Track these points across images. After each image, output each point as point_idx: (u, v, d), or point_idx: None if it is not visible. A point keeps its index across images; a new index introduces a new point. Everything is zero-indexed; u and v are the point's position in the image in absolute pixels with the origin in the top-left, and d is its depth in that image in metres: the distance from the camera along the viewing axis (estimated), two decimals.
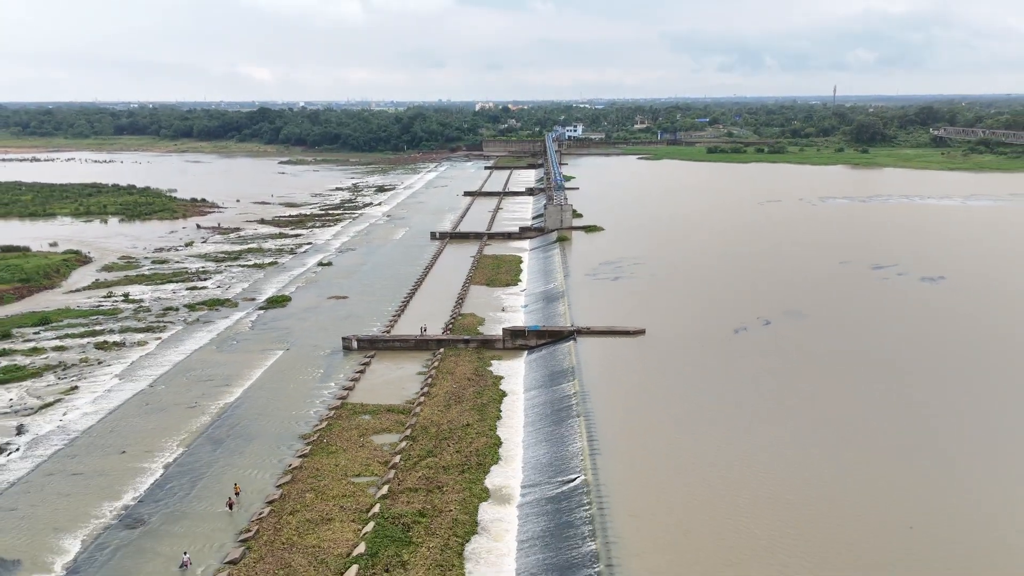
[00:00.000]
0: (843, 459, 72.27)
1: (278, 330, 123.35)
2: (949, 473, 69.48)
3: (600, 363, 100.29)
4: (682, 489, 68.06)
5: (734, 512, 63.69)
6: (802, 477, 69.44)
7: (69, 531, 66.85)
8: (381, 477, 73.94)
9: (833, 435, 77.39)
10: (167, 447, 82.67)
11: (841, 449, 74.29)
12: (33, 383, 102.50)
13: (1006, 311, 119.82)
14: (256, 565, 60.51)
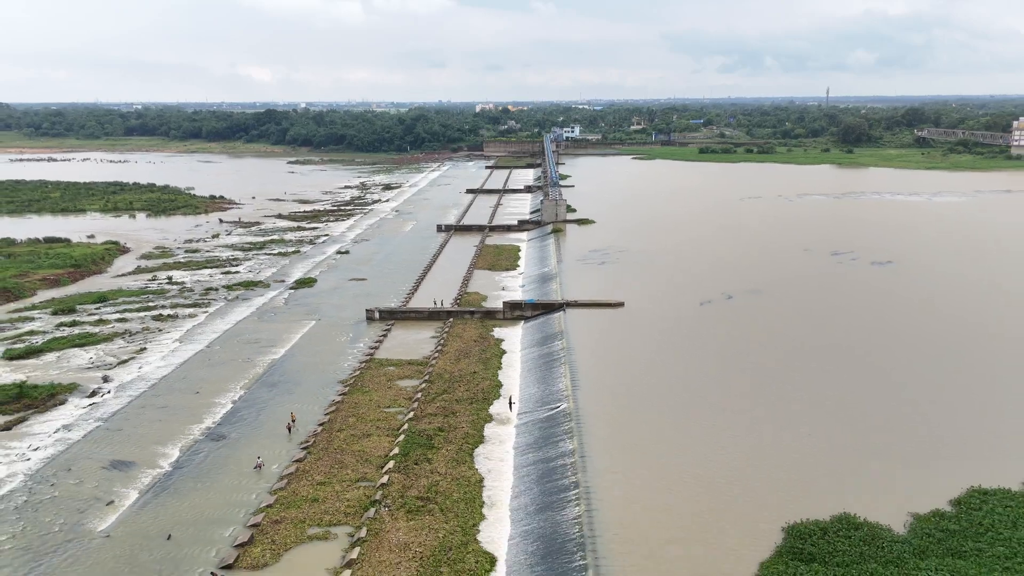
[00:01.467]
0: (770, 389, 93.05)
1: (308, 305, 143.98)
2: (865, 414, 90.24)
3: (584, 328, 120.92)
4: (643, 411, 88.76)
5: (680, 424, 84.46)
6: (737, 400, 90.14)
7: (167, 443, 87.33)
8: (407, 408, 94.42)
9: (768, 373, 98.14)
10: (231, 389, 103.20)
11: (770, 382, 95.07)
12: (107, 346, 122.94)
13: (939, 289, 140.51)
14: (316, 463, 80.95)
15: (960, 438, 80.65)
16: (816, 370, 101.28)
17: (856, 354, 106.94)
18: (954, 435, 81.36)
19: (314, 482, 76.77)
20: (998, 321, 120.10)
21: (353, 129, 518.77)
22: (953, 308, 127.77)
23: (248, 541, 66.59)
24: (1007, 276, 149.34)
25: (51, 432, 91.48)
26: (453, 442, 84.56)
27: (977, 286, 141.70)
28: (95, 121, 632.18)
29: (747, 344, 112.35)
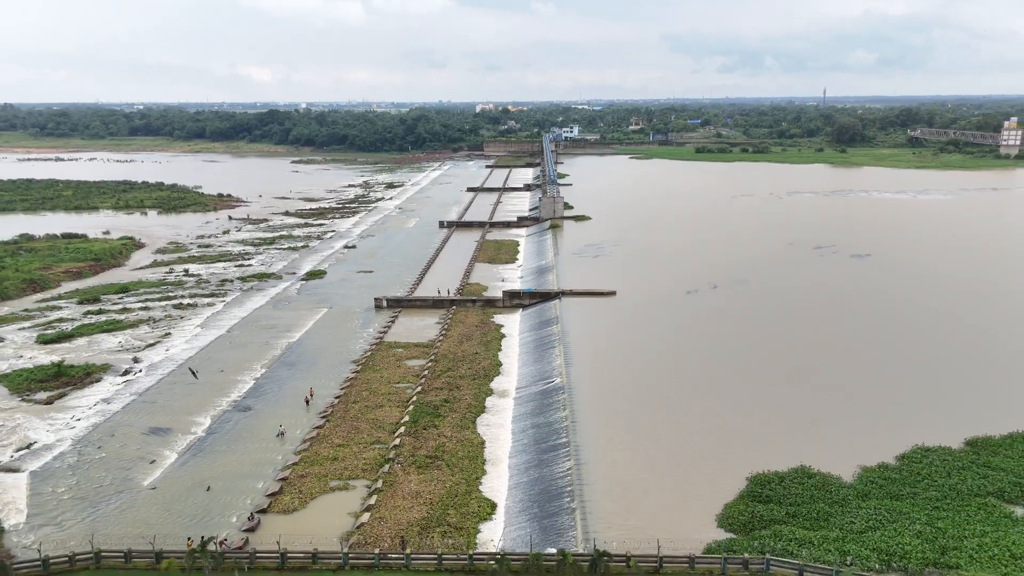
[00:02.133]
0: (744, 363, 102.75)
1: (320, 295, 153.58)
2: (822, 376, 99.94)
3: (578, 314, 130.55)
4: (629, 385, 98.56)
5: (661, 394, 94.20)
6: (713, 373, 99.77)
7: (199, 413, 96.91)
8: (415, 383, 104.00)
9: (742, 350, 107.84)
10: (253, 368, 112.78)
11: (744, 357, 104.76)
12: (133, 332, 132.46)
13: (908, 279, 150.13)
14: (334, 429, 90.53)
15: (912, 404, 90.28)
16: (787, 347, 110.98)
17: (824, 334, 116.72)
18: (907, 402, 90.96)
19: (333, 445, 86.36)
20: (954, 306, 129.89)
21: (355, 129, 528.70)
22: (917, 295, 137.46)
23: (278, 491, 76.17)
24: (971, 268, 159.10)
25: (91, 405, 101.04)
26: (457, 411, 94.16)
27: (943, 277, 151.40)
28: (100, 121, 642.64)
29: (726, 327, 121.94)
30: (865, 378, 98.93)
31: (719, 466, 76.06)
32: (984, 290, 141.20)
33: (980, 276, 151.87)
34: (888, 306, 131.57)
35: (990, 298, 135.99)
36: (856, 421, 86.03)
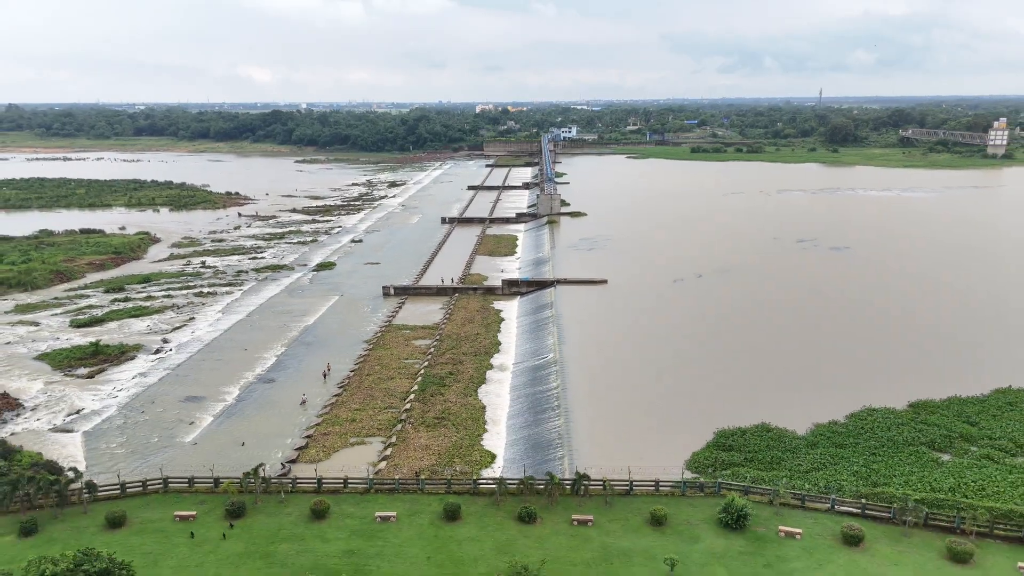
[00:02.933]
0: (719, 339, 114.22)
1: (331, 284, 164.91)
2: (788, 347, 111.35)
3: (571, 300, 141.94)
4: (615, 359, 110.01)
5: (643, 366, 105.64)
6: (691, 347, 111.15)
7: (228, 384, 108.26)
8: (422, 359, 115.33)
9: (719, 329, 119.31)
10: (274, 347, 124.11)
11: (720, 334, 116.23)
12: (159, 317, 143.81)
13: (879, 268, 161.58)
14: (351, 397, 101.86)
15: (865, 374, 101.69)
16: (759, 326, 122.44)
17: (794, 314, 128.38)
18: (861, 372, 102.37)
19: (351, 409, 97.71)
20: (915, 293, 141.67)
21: (357, 129, 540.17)
22: (883, 282, 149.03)
23: (304, 446, 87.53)
24: (936, 259, 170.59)
25: (129, 378, 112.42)
26: (461, 382, 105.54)
27: (909, 267, 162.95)
28: (105, 122, 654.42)
29: (706, 309, 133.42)
30: (826, 352, 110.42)
31: (691, 423, 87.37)
32: (943, 279, 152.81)
33: (942, 267, 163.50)
34: (856, 292, 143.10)
35: (946, 286, 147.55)
36: (814, 387, 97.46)
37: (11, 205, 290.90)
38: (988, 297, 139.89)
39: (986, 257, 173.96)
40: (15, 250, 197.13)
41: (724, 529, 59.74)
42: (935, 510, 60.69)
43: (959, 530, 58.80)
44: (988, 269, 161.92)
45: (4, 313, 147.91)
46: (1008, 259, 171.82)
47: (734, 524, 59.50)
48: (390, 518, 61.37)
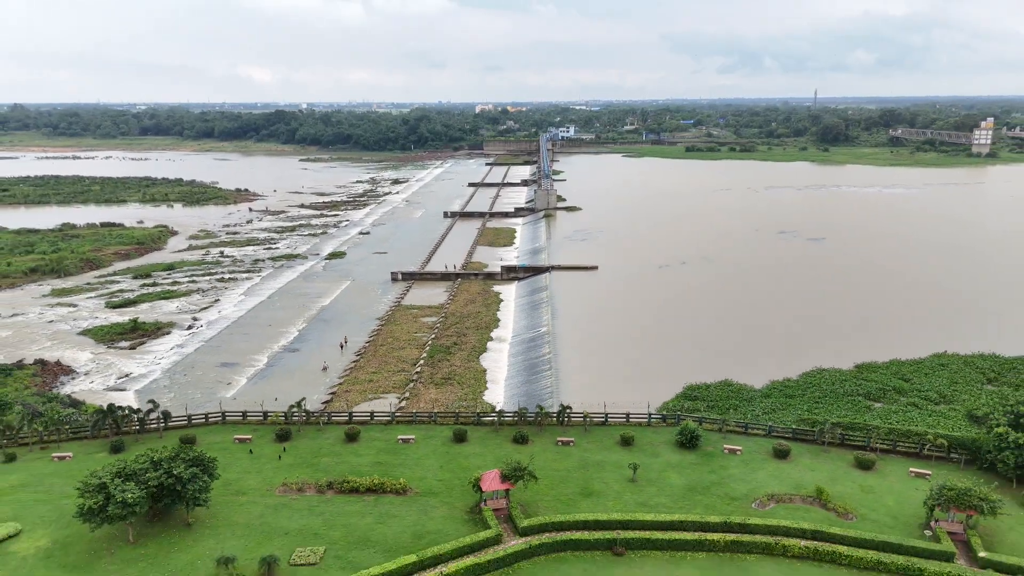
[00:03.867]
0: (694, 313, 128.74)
1: (342, 271, 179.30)
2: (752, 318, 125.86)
3: (564, 283, 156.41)
4: (601, 332, 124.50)
5: (625, 335, 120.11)
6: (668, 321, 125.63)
7: (257, 353, 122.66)
8: (430, 332, 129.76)
9: (696, 305, 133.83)
10: (295, 323, 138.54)
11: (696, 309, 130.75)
12: (186, 299, 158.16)
13: (849, 256, 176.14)
14: (368, 363, 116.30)
15: (820, 341, 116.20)
16: (731, 303, 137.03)
17: (764, 293, 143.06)
18: (817, 339, 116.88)
19: (368, 372, 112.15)
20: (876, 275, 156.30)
21: (359, 129, 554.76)
22: (851, 266, 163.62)
23: (329, 400, 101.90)
24: (901, 247, 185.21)
25: (168, 349, 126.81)
26: (464, 350, 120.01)
27: (876, 254, 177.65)
28: (110, 121, 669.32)
29: (686, 290, 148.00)
30: (789, 324, 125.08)
31: (663, 380, 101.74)
32: (901, 264, 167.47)
33: (903, 254, 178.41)
34: (822, 275, 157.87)
35: (902, 269, 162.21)
36: (775, 352, 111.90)
37: (30, 201, 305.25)
38: (938, 278, 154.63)
39: (943, 245, 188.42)
40: (43, 241, 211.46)
41: (680, 448, 74.13)
42: (850, 432, 75.13)
43: (869, 447, 73.15)
44: (942, 255, 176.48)
45: (42, 296, 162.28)
46: (962, 247, 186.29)
47: (688, 444, 73.87)
48: (409, 440, 75.78)
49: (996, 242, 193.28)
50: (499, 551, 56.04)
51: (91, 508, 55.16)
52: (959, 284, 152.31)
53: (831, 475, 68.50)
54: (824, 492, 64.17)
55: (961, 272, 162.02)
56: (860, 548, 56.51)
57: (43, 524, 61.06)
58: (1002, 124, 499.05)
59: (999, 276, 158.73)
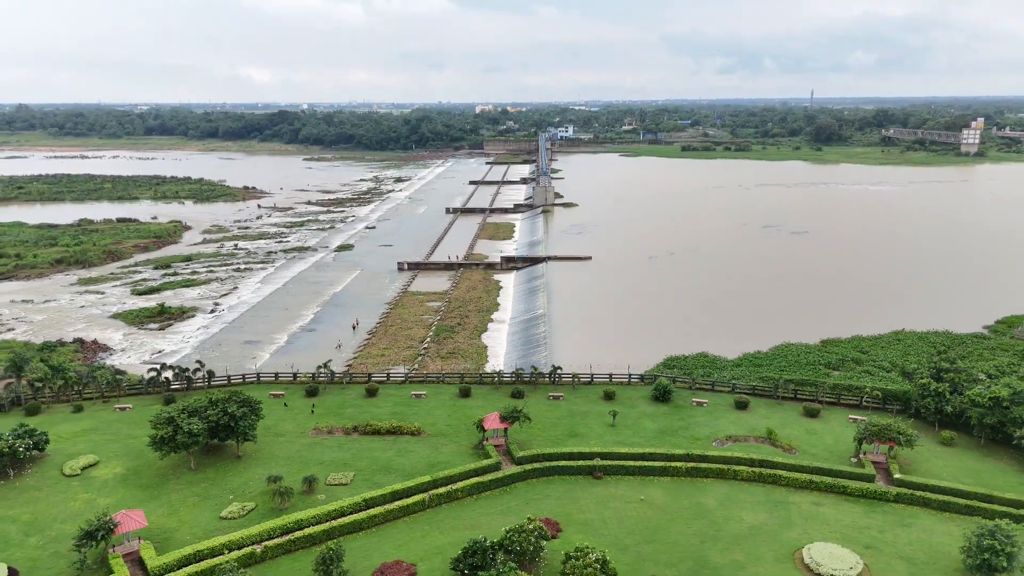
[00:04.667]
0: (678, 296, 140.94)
1: (351, 261, 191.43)
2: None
3: (560, 273, 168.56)
4: (592, 314, 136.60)
5: (613, 316, 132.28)
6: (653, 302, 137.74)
7: (277, 332, 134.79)
8: (435, 315, 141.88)
9: (680, 289, 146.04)
10: (310, 307, 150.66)
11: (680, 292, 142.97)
12: (206, 287, 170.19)
13: (829, 247, 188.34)
14: (379, 341, 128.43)
15: (790, 319, 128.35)
16: (714, 287, 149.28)
17: (743, 279, 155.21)
18: (788, 319, 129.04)
19: (380, 348, 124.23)
20: (849, 263, 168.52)
21: (361, 129, 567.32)
22: (827, 255, 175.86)
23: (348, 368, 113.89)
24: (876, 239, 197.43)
25: (194, 329, 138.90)
26: (467, 330, 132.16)
27: (851, 245, 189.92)
28: (115, 121, 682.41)
29: (673, 277, 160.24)
30: (764, 305, 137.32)
31: (646, 352, 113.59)
32: (873, 253, 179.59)
33: (878, 244, 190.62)
34: (800, 263, 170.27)
35: (873, 257, 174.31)
36: (749, 330, 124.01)
37: (46, 198, 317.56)
38: (903, 265, 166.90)
39: (913, 236, 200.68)
40: (65, 235, 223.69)
41: (655, 401, 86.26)
42: (801, 387, 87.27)
43: (816, 400, 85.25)
44: (911, 245, 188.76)
45: (70, 285, 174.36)
46: (930, 237, 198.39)
47: (661, 398, 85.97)
48: (421, 395, 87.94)
49: (962, 232, 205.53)
50: (498, 474, 68.09)
51: (162, 437, 67.26)
52: (921, 270, 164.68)
53: (782, 421, 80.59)
54: (774, 433, 76.26)
55: (925, 259, 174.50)
56: (797, 472, 68.55)
57: (116, 457, 73.16)
58: (992, 124, 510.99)
59: (958, 263, 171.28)
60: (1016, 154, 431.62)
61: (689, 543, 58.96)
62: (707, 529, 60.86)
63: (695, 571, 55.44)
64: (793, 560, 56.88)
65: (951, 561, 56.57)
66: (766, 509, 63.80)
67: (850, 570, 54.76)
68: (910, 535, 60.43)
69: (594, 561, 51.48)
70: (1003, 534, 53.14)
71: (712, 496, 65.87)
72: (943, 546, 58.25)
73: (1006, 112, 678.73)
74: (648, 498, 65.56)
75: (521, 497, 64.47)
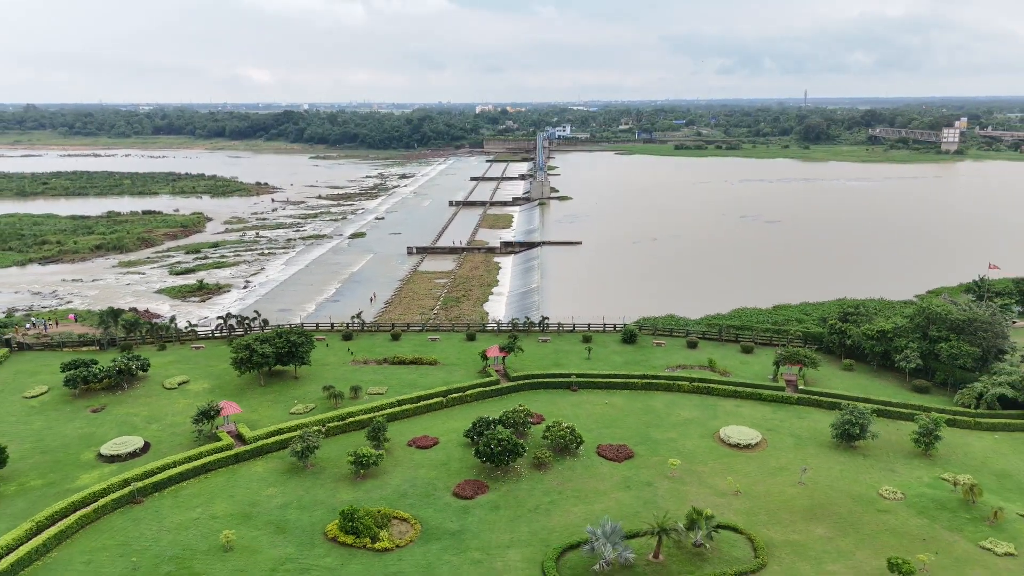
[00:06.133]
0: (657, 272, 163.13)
1: (364, 247, 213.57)
2: None
3: (553, 255, 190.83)
4: (580, 287, 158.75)
5: (598, 288, 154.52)
6: (633, 277, 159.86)
7: (306, 303, 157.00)
8: (442, 289, 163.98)
9: (659, 267, 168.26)
10: (332, 284, 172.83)
11: (658, 270, 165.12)
12: (235, 268, 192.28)
13: (797, 232, 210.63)
14: (394, 309, 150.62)
15: (749, 288, 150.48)
16: (688, 264, 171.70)
17: (717, 257, 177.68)
18: (747, 287, 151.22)
19: (395, 315, 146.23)
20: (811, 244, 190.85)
21: (365, 128, 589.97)
22: (793, 239, 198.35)
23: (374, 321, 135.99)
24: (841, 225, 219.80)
25: (231, 302, 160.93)
26: (471, 300, 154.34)
27: (819, 230, 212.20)
28: (124, 121, 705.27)
29: (652, 258, 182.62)
30: (728, 277, 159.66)
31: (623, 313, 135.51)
32: (832, 236, 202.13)
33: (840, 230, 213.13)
34: (767, 247, 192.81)
35: (831, 239, 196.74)
36: (712, 296, 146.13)
37: (70, 193, 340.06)
38: (854, 245, 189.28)
39: (875, 223, 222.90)
40: (98, 224, 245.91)
41: (623, 343, 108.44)
42: (741, 331, 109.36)
43: (753, 341, 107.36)
44: (869, 230, 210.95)
45: (112, 267, 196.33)
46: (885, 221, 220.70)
47: (629, 340, 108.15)
48: (436, 339, 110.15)
49: (916, 218, 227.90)
50: (497, 387, 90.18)
51: (241, 359, 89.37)
52: (873, 250, 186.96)
53: (722, 355, 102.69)
54: (714, 362, 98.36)
55: (879, 242, 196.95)
56: (727, 386, 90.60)
57: (202, 377, 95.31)
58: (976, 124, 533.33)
59: (906, 244, 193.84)
60: (995, 152, 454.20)
61: (638, 427, 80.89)
62: (653, 420, 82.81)
63: (640, 442, 77.35)
64: (712, 437, 78.80)
65: (826, 437, 78.49)
66: (699, 409, 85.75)
67: (751, 440, 76.76)
68: (802, 423, 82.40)
69: (565, 427, 73.51)
70: (859, 413, 75.05)
71: (660, 401, 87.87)
72: (823, 429, 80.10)
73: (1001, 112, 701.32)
74: (611, 403, 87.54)
75: (514, 402, 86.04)
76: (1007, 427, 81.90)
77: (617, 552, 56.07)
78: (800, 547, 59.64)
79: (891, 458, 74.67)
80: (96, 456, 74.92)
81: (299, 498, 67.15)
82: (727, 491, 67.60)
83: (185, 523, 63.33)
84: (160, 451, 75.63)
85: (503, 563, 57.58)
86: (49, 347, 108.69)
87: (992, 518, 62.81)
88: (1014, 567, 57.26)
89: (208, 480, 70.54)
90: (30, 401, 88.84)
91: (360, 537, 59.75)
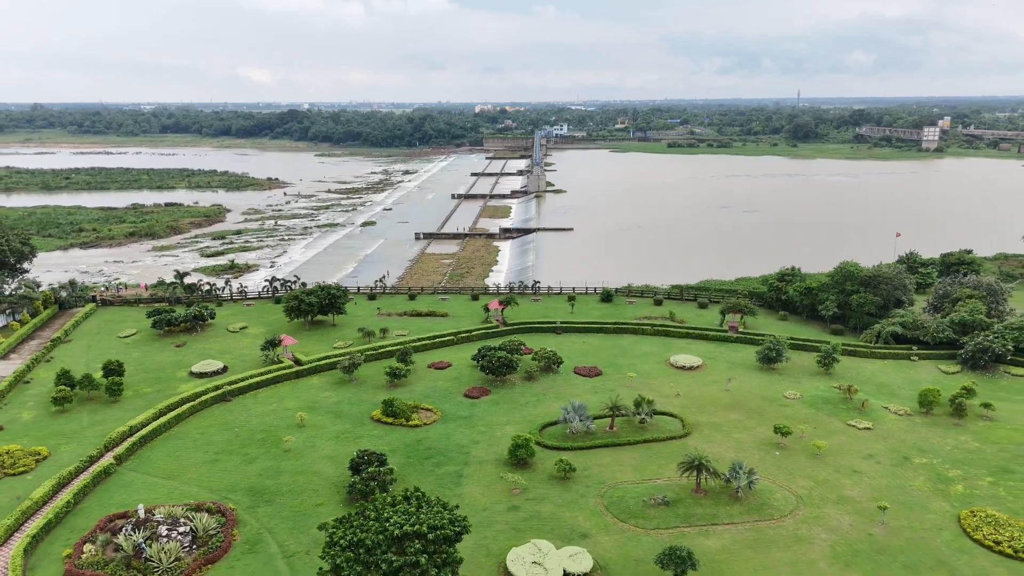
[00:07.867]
0: (640, 254, 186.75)
1: (375, 233, 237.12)
2: None
3: (547, 239, 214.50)
4: (571, 263, 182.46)
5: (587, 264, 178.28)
6: (617, 256, 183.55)
7: (329, 278, 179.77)
8: (447, 268, 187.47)
9: (642, 252, 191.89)
10: (349, 263, 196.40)
11: (642, 253, 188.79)
12: (260, 252, 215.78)
13: (771, 220, 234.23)
14: (406, 283, 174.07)
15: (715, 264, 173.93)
16: (666, 245, 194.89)
17: (694, 239, 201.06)
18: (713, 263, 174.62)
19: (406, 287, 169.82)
20: (778, 227, 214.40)
21: (367, 127, 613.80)
22: (766, 225, 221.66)
23: None
24: (810, 213, 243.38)
25: (261, 279, 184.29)
26: (473, 276, 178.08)
27: (791, 217, 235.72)
28: (132, 120, 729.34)
29: (636, 242, 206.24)
30: (701, 254, 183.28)
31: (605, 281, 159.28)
32: (800, 220, 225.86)
33: (809, 217, 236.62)
34: (742, 230, 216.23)
35: (797, 222, 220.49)
36: (683, 268, 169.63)
37: (92, 187, 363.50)
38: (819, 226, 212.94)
39: (843, 209, 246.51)
40: (127, 214, 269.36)
41: (602, 303, 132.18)
42: (700, 292, 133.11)
43: (708, 300, 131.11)
44: (835, 216, 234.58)
45: (147, 252, 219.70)
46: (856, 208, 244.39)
47: (606, 300, 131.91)
48: (446, 299, 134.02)
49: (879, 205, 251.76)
50: (496, 331, 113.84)
51: (291, 307, 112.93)
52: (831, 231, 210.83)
53: (682, 310, 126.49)
54: (673, 314, 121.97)
55: (840, 222, 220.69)
56: (682, 329, 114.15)
57: (258, 324, 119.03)
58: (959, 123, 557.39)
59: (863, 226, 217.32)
60: (974, 150, 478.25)
61: (608, 357, 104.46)
62: (620, 352, 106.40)
63: (608, 366, 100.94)
64: (664, 363, 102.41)
65: (753, 363, 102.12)
66: (657, 345, 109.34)
67: (694, 364, 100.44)
68: (736, 355, 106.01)
69: (550, 350, 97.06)
70: (776, 342, 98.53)
71: (627, 341, 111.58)
72: (752, 358, 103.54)
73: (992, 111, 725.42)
74: (587, 342, 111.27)
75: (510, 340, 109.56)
76: (895, 355, 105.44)
77: (584, 424, 79.46)
78: (717, 426, 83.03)
79: (799, 376, 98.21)
80: (188, 373, 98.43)
81: (348, 398, 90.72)
82: (670, 394, 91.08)
83: (267, 412, 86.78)
84: (236, 371, 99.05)
85: (501, 433, 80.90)
86: (127, 303, 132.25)
87: (861, 407, 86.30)
88: (868, 436, 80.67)
89: (277, 388, 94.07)
90: (124, 340, 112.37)
91: (397, 418, 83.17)
